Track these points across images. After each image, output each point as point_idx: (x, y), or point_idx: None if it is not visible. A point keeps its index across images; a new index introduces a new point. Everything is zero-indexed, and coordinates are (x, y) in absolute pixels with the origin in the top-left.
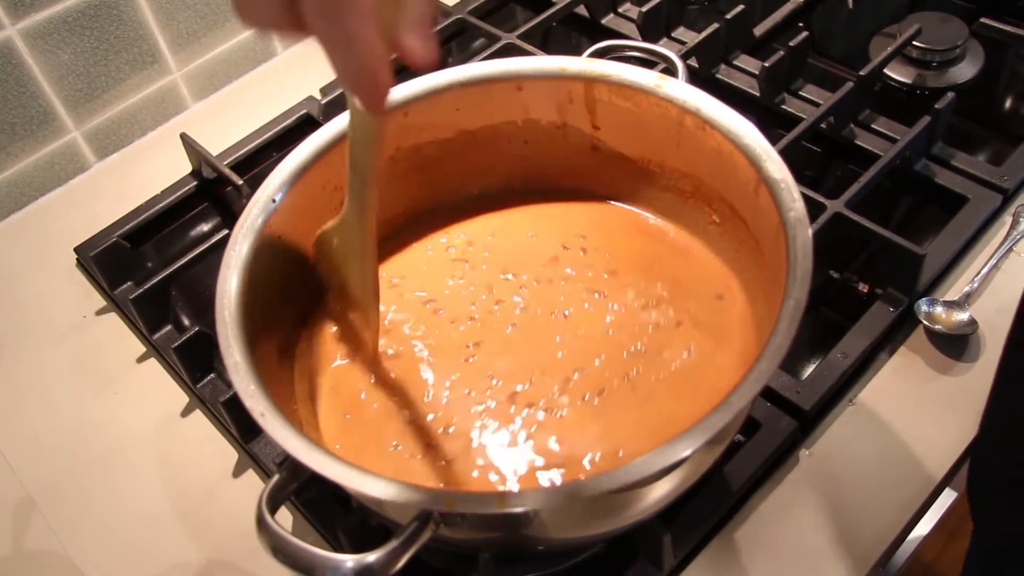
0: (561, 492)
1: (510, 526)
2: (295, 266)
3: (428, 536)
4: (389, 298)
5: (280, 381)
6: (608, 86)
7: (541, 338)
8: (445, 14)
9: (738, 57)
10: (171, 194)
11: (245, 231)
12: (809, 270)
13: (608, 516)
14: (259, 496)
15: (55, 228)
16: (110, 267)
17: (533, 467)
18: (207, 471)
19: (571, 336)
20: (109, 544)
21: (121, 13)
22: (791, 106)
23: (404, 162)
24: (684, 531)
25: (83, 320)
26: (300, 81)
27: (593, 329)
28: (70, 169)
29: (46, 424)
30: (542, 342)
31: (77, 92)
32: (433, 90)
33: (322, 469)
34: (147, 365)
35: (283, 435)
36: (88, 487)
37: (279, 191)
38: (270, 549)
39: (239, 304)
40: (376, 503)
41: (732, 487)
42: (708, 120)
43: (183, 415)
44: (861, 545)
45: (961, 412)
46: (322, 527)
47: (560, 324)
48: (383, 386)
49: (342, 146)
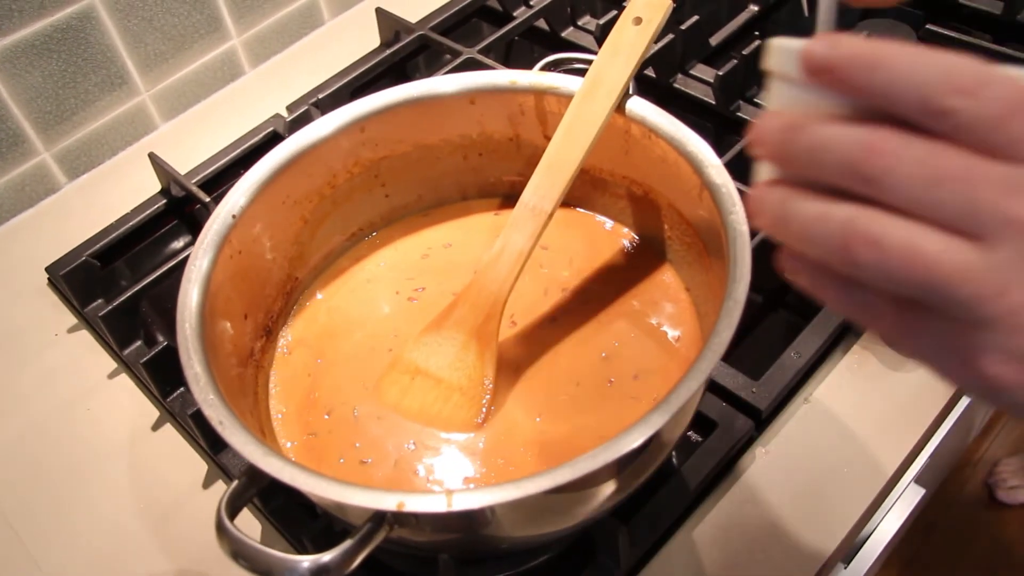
0: (508, 490)
1: (464, 526)
2: (256, 279)
3: (383, 536)
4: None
5: (243, 391)
6: (558, 98)
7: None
8: (408, 30)
9: (694, 66)
10: (140, 213)
11: (206, 246)
12: (747, 270)
13: (560, 514)
14: (218, 503)
15: (26, 248)
16: (81, 285)
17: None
18: (177, 483)
19: (527, 342)
20: (80, 557)
21: (88, 36)
22: (746, 113)
23: (363, 176)
24: (642, 529)
25: (55, 338)
26: (267, 99)
27: (549, 335)
28: (40, 190)
29: (18, 440)
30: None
31: (46, 114)
32: (388, 106)
33: (278, 474)
34: (118, 381)
35: (240, 441)
36: (59, 501)
37: (238, 206)
38: (230, 553)
39: (199, 317)
40: (335, 506)
41: (690, 485)
42: (653, 129)
43: (154, 429)
44: (818, 539)
45: (913, 408)
46: (289, 534)
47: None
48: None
49: (301, 161)
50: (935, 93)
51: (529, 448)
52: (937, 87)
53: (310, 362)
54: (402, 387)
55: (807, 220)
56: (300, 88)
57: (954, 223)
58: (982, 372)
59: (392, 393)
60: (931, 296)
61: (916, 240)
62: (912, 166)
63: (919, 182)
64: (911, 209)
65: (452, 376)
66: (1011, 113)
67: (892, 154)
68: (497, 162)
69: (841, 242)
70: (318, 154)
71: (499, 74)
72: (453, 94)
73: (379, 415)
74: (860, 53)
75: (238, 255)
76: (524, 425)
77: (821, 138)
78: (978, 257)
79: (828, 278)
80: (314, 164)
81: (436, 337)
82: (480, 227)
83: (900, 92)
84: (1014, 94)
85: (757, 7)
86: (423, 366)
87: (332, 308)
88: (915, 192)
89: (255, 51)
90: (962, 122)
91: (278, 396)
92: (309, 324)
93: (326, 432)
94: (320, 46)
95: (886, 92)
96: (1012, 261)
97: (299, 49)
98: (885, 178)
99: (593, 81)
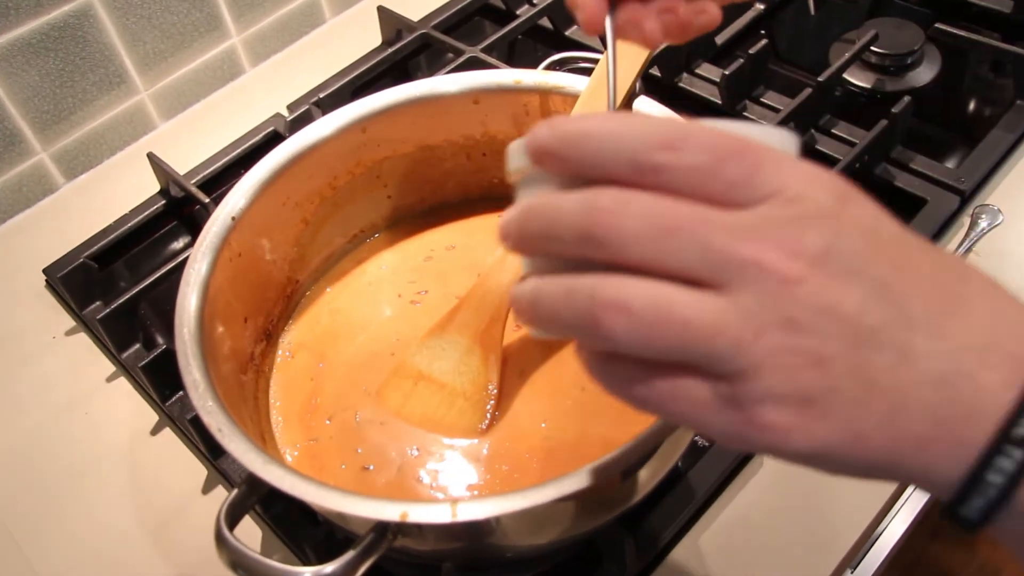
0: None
1: (469, 535)
2: (256, 282)
3: (385, 547)
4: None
5: (243, 397)
6: (563, 98)
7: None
8: (410, 29)
9: (700, 66)
10: (139, 213)
11: (204, 249)
12: None
13: (566, 523)
14: (218, 511)
15: (24, 250)
16: (78, 287)
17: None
18: (177, 488)
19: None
20: (79, 563)
21: (86, 34)
22: (752, 113)
23: (364, 177)
24: (648, 536)
25: (52, 341)
26: (267, 99)
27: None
28: (38, 191)
29: (15, 444)
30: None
31: (44, 114)
32: (390, 105)
33: (278, 483)
34: (117, 384)
35: (240, 449)
36: (57, 507)
37: (238, 208)
38: (229, 564)
39: (198, 322)
40: (337, 516)
41: (696, 492)
42: None
43: (152, 433)
44: (826, 545)
45: None
46: (290, 541)
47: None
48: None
49: (301, 162)
50: (642, 151)
51: (534, 454)
52: (643, 145)
53: (311, 366)
54: (404, 392)
55: (555, 302)
56: (301, 87)
57: (695, 274)
58: (761, 423)
59: (395, 398)
60: (692, 354)
61: (662, 297)
62: (638, 221)
63: (648, 236)
64: (651, 266)
65: (456, 381)
66: (719, 161)
67: (615, 212)
68: (501, 163)
69: (589, 315)
70: (319, 155)
71: (503, 73)
72: (456, 94)
73: (381, 421)
74: (570, 129)
75: (238, 258)
76: (529, 431)
77: (549, 213)
78: (726, 305)
79: (607, 364)
80: (315, 165)
81: (439, 341)
82: (484, 229)
83: (612, 156)
84: (718, 142)
85: (763, 6)
86: (426, 371)
87: (333, 311)
88: (648, 247)
89: (255, 50)
90: (676, 175)
91: (279, 401)
92: (310, 328)
93: (327, 438)
94: (321, 45)
95: (600, 159)
96: (758, 303)
97: (300, 48)
98: (614, 237)
99: (599, 80)
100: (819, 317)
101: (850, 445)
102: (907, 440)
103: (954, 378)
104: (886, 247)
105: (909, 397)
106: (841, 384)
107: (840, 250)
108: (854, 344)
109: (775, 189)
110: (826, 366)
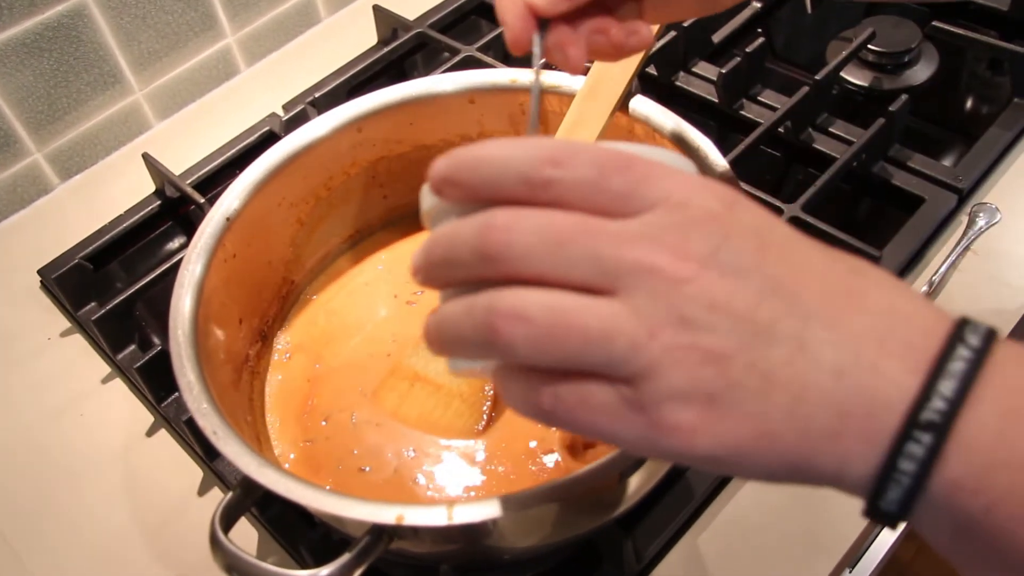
0: (510, 502)
1: (465, 538)
2: (251, 283)
3: (382, 549)
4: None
5: (238, 398)
6: (559, 97)
7: None
8: (405, 28)
9: (697, 64)
10: (134, 214)
11: (199, 250)
12: None
13: (564, 524)
14: (212, 514)
15: (19, 250)
16: (74, 288)
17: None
18: (172, 490)
19: None
20: (74, 566)
21: (81, 34)
22: (749, 111)
23: (360, 177)
24: (647, 537)
25: (47, 342)
26: (263, 98)
27: None
28: (33, 191)
29: (9, 447)
30: None
31: (38, 114)
32: (386, 105)
33: (273, 486)
34: (112, 385)
35: (235, 452)
36: (52, 509)
37: (232, 209)
38: (224, 567)
39: (193, 324)
40: (332, 518)
41: (695, 491)
42: (658, 128)
43: (148, 435)
44: (825, 546)
45: None
46: (286, 543)
47: None
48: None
49: (296, 162)
50: (531, 168)
51: (531, 456)
52: (532, 163)
53: (307, 367)
54: (401, 393)
55: (457, 320)
56: (296, 87)
57: (590, 282)
58: (666, 424)
59: (391, 399)
60: (592, 358)
61: (557, 304)
62: (530, 235)
63: (541, 249)
64: (547, 278)
65: (452, 382)
66: (606, 174)
67: (508, 228)
68: None
69: (488, 326)
70: (314, 155)
71: (499, 73)
72: (452, 93)
73: (378, 422)
74: (466, 155)
75: (232, 259)
76: (526, 432)
77: (448, 238)
78: (620, 308)
79: (515, 380)
80: (310, 165)
81: None
82: None
83: (504, 177)
84: (604, 157)
85: (760, 4)
86: (422, 372)
87: (329, 312)
88: (542, 260)
89: (251, 49)
90: (564, 189)
91: (274, 402)
92: (306, 329)
93: (324, 439)
94: (317, 44)
95: (494, 181)
96: (650, 303)
97: (295, 47)
98: (508, 251)
99: (595, 80)
100: (712, 314)
101: (758, 443)
102: (816, 434)
103: (854, 368)
104: (777, 246)
105: (809, 389)
106: (741, 379)
107: (729, 250)
108: (750, 339)
109: (661, 197)
110: (724, 362)
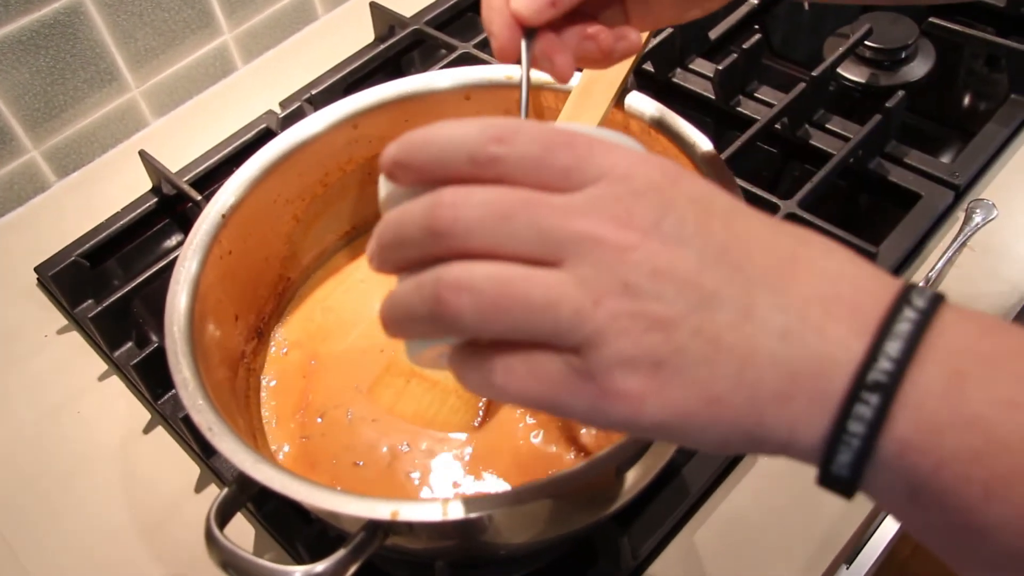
0: (505, 498)
1: (461, 533)
2: (247, 280)
3: (377, 545)
4: (349, 300)
5: (234, 395)
6: (555, 93)
7: None
8: (402, 25)
9: (693, 60)
10: (131, 211)
11: (195, 247)
12: None
13: (559, 520)
14: (208, 510)
15: (16, 248)
16: (70, 286)
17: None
18: (169, 487)
19: None
20: (71, 563)
21: (77, 31)
22: (746, 108)
23: (356, 174)
24: (642, 533)
25: (44, 339)
26: (259, 95)
27: None
28: (30, 189)
29: (5, 444)
30: None
31: (35, 111)
32: (382, 102)
33: (269, 482)
34: (109, 383)
35: (230, 448)
36: (49, 506)
37: (228, 206)
38: (220, 564)
39: (188, 320)
40: (328, 514)
41: (691, 488)
42: (653, 124)
43: (145, 432)
44: (821, 541)
45: None
46: (282, 539)
47: None
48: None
49: (292, 159)
50: (477, 146)
51: (527, 451)
52: (478, 141)
53: (303, 364)
54: (397, 390)
55: (406, 297)
56: (293, 84)
57: (535, 255)
58: (615, 391)
59: (387, 396)
60: (538, 327)
61: (503, 275)
62: (476, 210)
63: (487, 223)
64: (494, 252)
65: (448, 379)
66: (547, 150)
67: (455, 204)
68: None
69: (436, 299)
70: (310, 151)
71: (495, 69)
72: (448, 90)
73: (373, 418)
74: (414, 138)
75: (228, 256)
76: (521, 428)
77: (398, 219)
78: (565, 277)
79: (468, 357)
80: (306, 162)
81: None
82: None
83: (451, 156)
84: (547, 134)
85: (756, 1)
86: (418, 368)
87: (325, 309)
88: (488, 234)
89: (247, 46)
90: (510, 166)
91: (270, 399)
92: (302, 325)
93: (319, 435)
94: (313, 41)
95: (441, 160)
96: (594, 272)
97: (292, 44)
98: (455, 226)
99: (591, 76)
100: (656, 281)
101: (708, 409)
102: (765, 399)
103: (801, 331)
104: (720, 216)
105: (757, 352)
106: (687, 345)
107: (672, 219)
108: (695, 304)
109: (605, 171)
110: (669, 328)
